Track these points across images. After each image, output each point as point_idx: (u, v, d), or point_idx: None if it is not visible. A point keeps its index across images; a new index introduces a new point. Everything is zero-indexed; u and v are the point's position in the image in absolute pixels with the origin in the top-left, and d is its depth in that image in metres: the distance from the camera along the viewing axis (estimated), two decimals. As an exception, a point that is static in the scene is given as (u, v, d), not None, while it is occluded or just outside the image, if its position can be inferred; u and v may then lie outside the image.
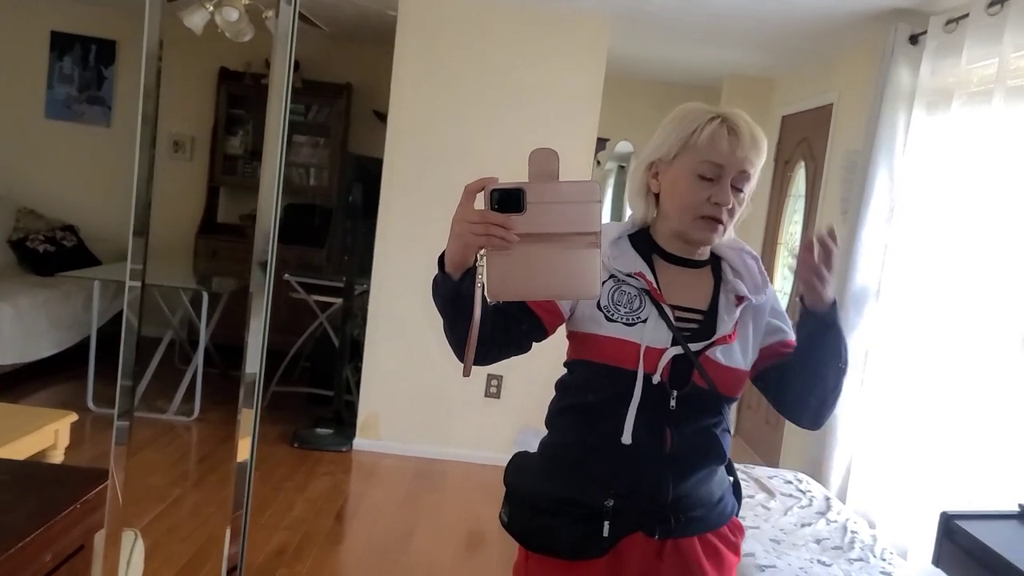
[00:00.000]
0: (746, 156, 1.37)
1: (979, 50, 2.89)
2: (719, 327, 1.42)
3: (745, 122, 1.39)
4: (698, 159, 1.38)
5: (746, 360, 1.45)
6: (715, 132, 1.37)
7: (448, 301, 1.25)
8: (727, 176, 1.38)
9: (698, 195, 1.38)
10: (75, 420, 2.80)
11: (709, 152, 1.37)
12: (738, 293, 1.45)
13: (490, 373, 4.39)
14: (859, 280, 3.48)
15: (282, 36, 1.07)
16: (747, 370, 1.46)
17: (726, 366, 1.41)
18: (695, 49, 4.92)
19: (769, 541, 2.66)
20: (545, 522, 1.44)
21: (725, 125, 1.37)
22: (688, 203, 1.40)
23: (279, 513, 3.48)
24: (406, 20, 4.24)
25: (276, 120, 1.05)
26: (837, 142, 4.37)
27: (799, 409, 1.49)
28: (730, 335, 1.42)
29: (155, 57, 1.04)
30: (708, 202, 1.38)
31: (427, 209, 4.24)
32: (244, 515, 1.07)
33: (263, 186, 1.10)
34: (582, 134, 4.31)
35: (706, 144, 1.37)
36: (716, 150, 1.36)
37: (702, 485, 1.46)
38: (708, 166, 1.37)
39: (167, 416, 4.45)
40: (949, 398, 2.87)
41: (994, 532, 1.92)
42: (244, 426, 1.08)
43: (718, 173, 1.37)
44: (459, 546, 3.44)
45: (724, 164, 1.37)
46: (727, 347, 1.41)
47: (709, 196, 1.38)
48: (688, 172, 1.39)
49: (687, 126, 1.39)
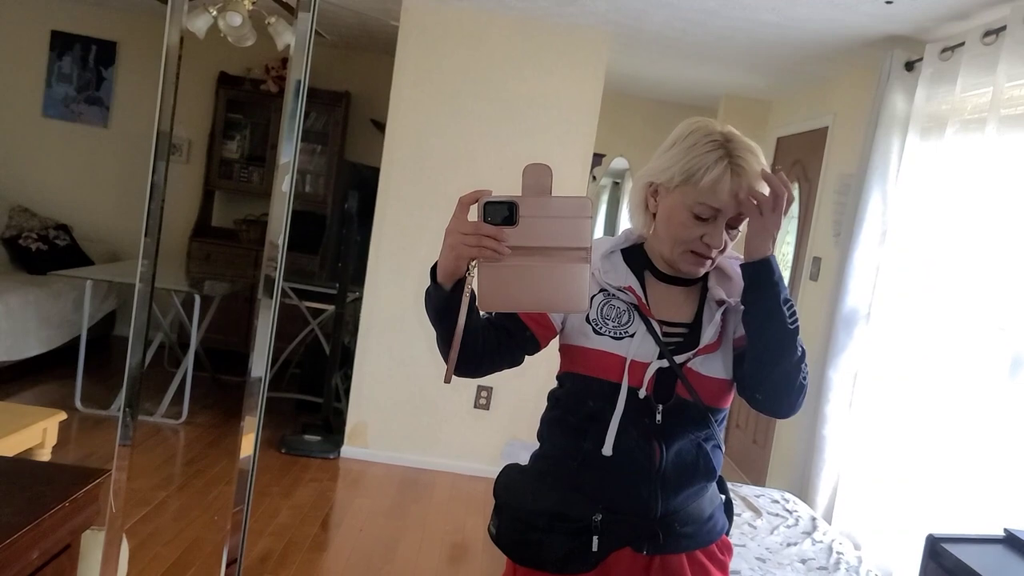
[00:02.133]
0: (744, 200, 1.34)
1: (974, 79, 2.93)
2: (703, 338, 1.42)
3: (749, 162, 1.34)
4: (697, 199, 1.35)
5: (729, 367, 1.45)
6: (719, 177, 1.33)
7: (440, 312, 1.26)
8: (723, 218, 1.36)
9: (691, 232, 1.37)
10: (63, 419, 2.79)
11: (709, 196, 1.34)
12: (717, 298, 1.45)
13: (480, 384, 4.39)
14: (850, 302, 3.51)
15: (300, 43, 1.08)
16: (729, 379, 1.45)
17: (707, 376, 1.42)
18: (693, 69, 4.95)
19: (755, 560, 2.66)
20: (534, 536, 1.44)
21: (730, 168, 1.33)
22: (680, 237, 1.39)
23: (264, 519, 3.47)
24: (408, 30, 4.27)
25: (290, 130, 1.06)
26: (831, 165, 4.41)
27: (757, 389, 1.41)
28: (714, 343, 1.42)
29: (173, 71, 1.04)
30: (700, 240, 1.38)
31: (422, 219, 4.25)
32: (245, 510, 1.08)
33: (274, 196, 1.11)
34: (578, 149, 4.34)
35: (708, 187, 1.33)
36: (716, 195, 1.34)
37: (692, 501, 1.46)
38: (705, 208, 1.35)
39: (155, 419, 4.43)
40: (937, 421, 2.89)
41: (980, 556, 1.92)
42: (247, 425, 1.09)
43: (714, 215, 1.36)
44: (444, 557, 3.43)
45: (722, 208, 1.35)
46: (707, 357, 1.42)
47: (702, 235, 1.37)
48: (685, 207, 1.37)
49: (693, 160, 1.35)
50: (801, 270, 4.62)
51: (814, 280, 4.38)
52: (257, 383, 1.09)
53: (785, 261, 5.04)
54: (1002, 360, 2.60)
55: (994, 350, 2.69)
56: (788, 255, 4.98)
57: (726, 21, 3.72)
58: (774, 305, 1.36)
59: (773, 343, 1.36)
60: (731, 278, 1.47)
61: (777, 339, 1.36)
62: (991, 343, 2.73)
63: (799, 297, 4.56)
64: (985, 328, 2.77)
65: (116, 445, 1.07)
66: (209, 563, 2.99)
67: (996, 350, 2.68)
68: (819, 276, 4.31)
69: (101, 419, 4.31)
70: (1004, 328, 2.59)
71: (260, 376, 1.10)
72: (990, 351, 2.72)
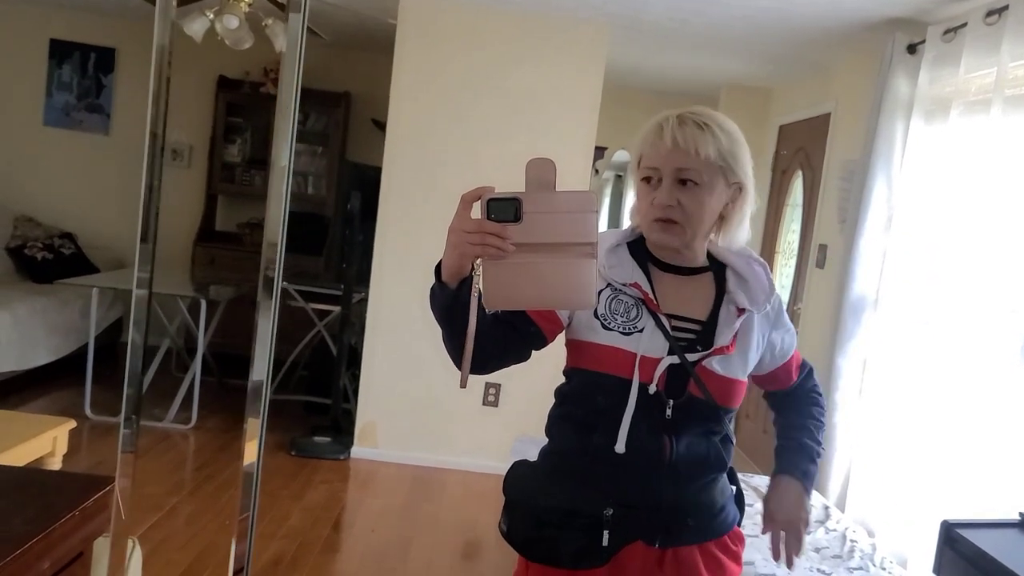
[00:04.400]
0: (671, 153, 1.36)
1: (977, 59, 2.91)
2: (717, 338, 1.41)
3: (685, 119, 1.37)
4: (643, 165, 1.41)
5: (745, 371, 1.45)
6: (654, 140, 1.38)
7: (445, 311, 1.25)
8: (665, 176, 1.38)
9: (644, 200, 1.41)
10: (73, 427, 2.79)
11: (647, 156, 1.40)
12: (739, 305, 1.44)
13: (488, 382, 4.38)
14: (857, 289, 3.49)
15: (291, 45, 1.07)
16: (744, 381, 1.45)
17: (723, 376, 1.40)
18: (693, 58, 4.93)
19: (768, 550, 2.65)
20: (545, 532, 1.43)
21: (662, 127, 1.38)
22: (640, 208, 1.42)
23: (276, 522, 3.47)
24: (405, 28, 4.25)
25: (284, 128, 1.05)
26: (835, 151, 4.38)
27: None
28: (728, 346, 1.41)
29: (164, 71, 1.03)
30: (652, 205, 1.39)
31: (425, 217, 4.24)
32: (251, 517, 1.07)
33: (270, 197, 1.10)
34: (580, 142, 4.32)
35: (647, 149, 1.40)
36: (651, 153, 1.39)
37: (703, 494, 1.45)
38: (646, 170, 1.40)
39: (164, 424, 4.44)
40: (948, 406, 2.87)
41: (995, 540, 1.91)
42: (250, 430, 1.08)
43: (657, 175, 1.39)
44: (457, 555, 3.42)
45: (659, 166, 1.38)
46: (725, 358, 1.41)
47: (653, 199, 1.39)
48: (637, 179, 1.43)
49: (637, 140, 1.43)
50: (807, 258, 4.60)
51: (820, 268, 4.36)
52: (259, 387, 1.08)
53: (791, 249, 5.02)
54: (1014, 343, 2.58)
55: (1005, 333, 2.67)
56: (794, 243, 4.96)
57: (725, 8, 3.70)
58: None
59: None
60: (747, 281, 1.46)
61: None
62: (1002, 326, 2.71)
63: (806, 285, 4.54)
64: (995, 311, 2.75)
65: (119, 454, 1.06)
66: (222, 568, 2.99)
67: (1007, 333, 2.66)
68: (825, 263, 4.29)
69: (111, 426, 4.32)
70: (1015, 311, 2.57)
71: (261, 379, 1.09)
72: (1001, 334, 2.70)
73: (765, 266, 1.49)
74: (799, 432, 1.57)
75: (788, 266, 5.01)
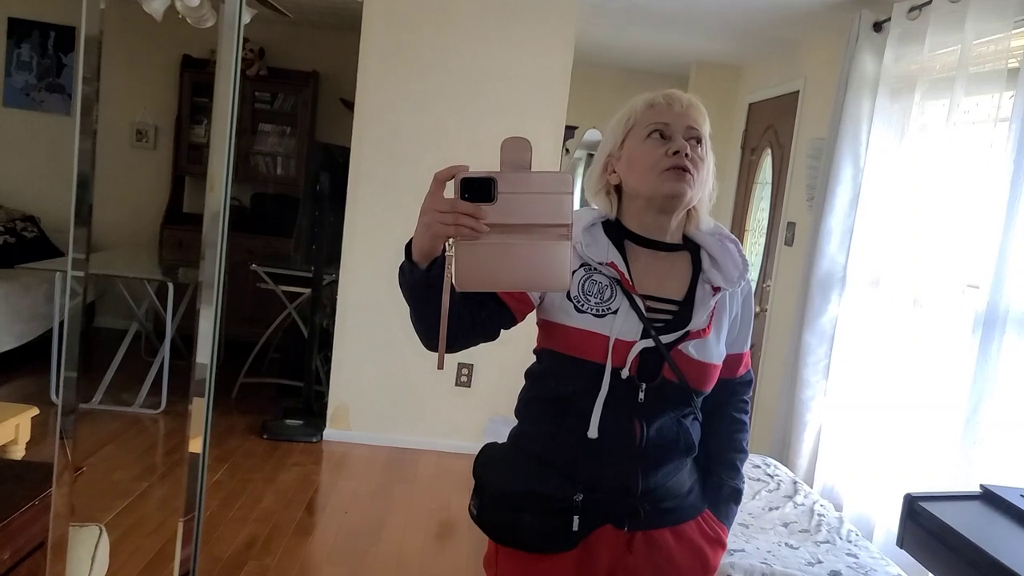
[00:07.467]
0: (685, 112, 1.40)
1: (941, 37, 2.93)
2: (693, 320, 1.40)
3: (679, 91, 1.44)
4: (645, 129, 1.41)
5: (720, 355, 1.44)
6: (651, 101, 1.42)
7: (416, 291, 1.23)
8: (676, 131, 1.39)
9: (656, 152, 1.39)
10: (36, 414, 2.74)
11: (652, 118, 1.41)
12: (714, 283, 1.43)
13: (460, 362, 4.38)
14: (825, 266, 3.52)
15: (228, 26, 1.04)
16: (719, 364, 1.44)
17: (698, 360, 1.40)
18: (662, 36, 4.92)
19: (738, 525, 2.68)
20: (514, 516, 1.42)
21: (659, 96, 1.42)
22: (649, 163, 1.39)
23: (248, 505, 3.45)
24: (372, 7, 4.20)
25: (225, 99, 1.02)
26: (803, 129, 4.41)
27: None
28: (704, 330, 1.41)
29: (95, 40, 1.00)
30: (667, 155, 1.38)
31: (396, 198, 4.20)
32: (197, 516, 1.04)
33: (207, 217, 1.07)
34: (551, 121, 4.30)
35: (647, 114, 1.41)
36: (657, 114, 1.41)
37: (672, 476, 1.45)
38: (655, 127, 1.40)
39: (133, 409, 4.39)
40: (913, 381, 2.91)
41: (957, 513, 1.95)
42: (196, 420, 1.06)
43: (667, 131, 1.40)
44: (430, 536, 3.43)
45: (669, 122, 1.40)
46: (701, 341, 1.40)
47: (666, 150, 1.38)
48: (640, 141, 1.41)
49: (625, 113, 1.45)
50: (776, 235, 4.63)
51: (789, 245, 4.39)
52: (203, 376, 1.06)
53: (760, 227, 5.06)
54: (968, 317, 2.62)
55: (963, 308, 2.72)
56: (763, 221, 4.99)
57: (694, -13, 3.69)
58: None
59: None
60: (720, 259, 1.45)
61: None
62: (961, 301, 2.75)
63: (775, 262, 4.58)
64: (955, 286, 2.79)
65: (56, 442, 1.04)
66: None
67: (965, 308, 2.70)
68: (794, 241, 4.32)
69: (80, 412, 4.25)
70: (978, 286, 2.60)
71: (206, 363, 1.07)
72: (960, 309, 2.75)
73: (737, 242, 1.49)
74: (728, 471, 1.55)
75: (757, 244, 5.04)
